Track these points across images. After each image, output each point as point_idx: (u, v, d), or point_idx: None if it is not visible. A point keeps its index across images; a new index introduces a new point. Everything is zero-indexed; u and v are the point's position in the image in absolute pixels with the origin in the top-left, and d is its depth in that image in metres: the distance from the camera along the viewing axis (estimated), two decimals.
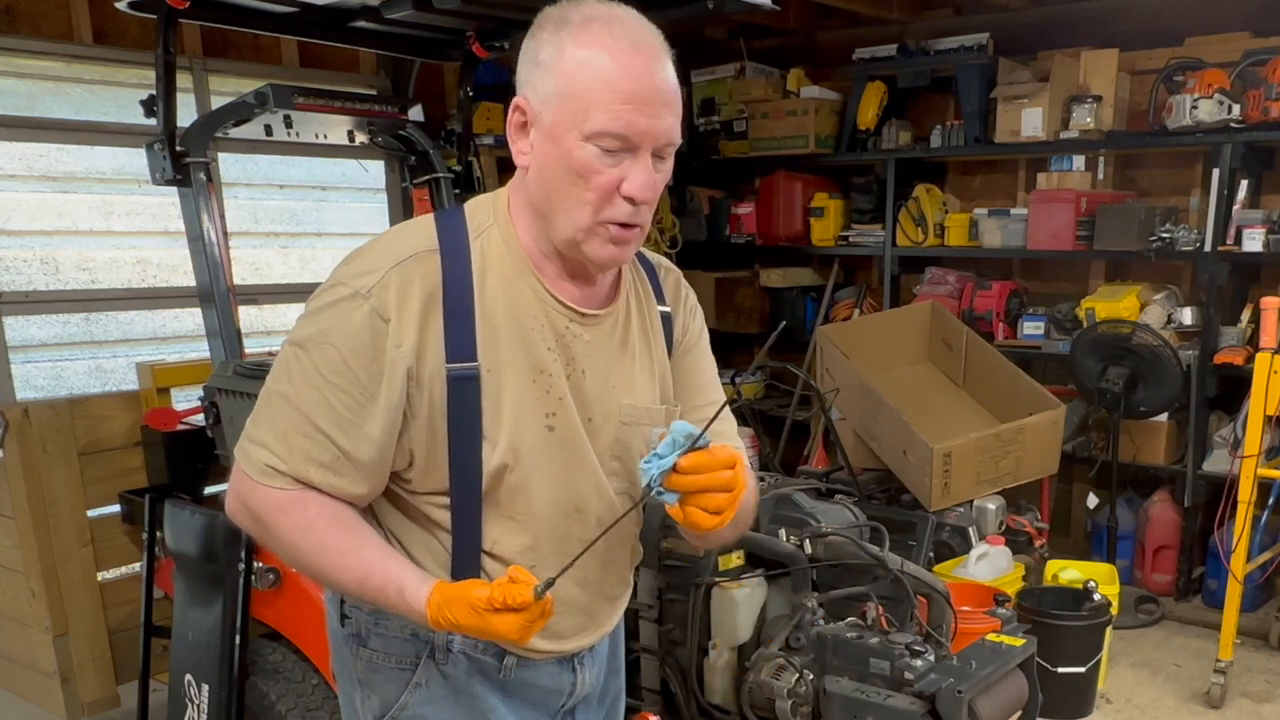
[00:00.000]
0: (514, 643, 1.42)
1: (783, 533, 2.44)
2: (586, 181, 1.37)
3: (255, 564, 2.70)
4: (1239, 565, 3.83)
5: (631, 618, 2.47)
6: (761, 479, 2.79)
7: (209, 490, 3.24)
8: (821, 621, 2.23)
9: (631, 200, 1.38)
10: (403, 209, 5.21)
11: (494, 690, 1.60)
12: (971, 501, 4.29)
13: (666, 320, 1.66)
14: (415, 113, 3.25)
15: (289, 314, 5.03)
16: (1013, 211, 5.18)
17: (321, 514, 1.42)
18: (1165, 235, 4.64)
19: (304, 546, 1.43)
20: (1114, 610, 3.82)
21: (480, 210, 1.51)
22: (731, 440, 1.65)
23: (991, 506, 4.31)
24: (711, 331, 1.81)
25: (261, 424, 1.43)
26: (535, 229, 1.47)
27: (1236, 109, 4.39)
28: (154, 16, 2.69)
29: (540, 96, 1.38)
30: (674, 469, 1.30)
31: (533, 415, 1.48)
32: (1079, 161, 4.95)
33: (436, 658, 1.56)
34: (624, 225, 1.41)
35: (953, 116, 5.41)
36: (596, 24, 1.35)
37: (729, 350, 6.39)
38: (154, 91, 2.76)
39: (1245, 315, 4.61)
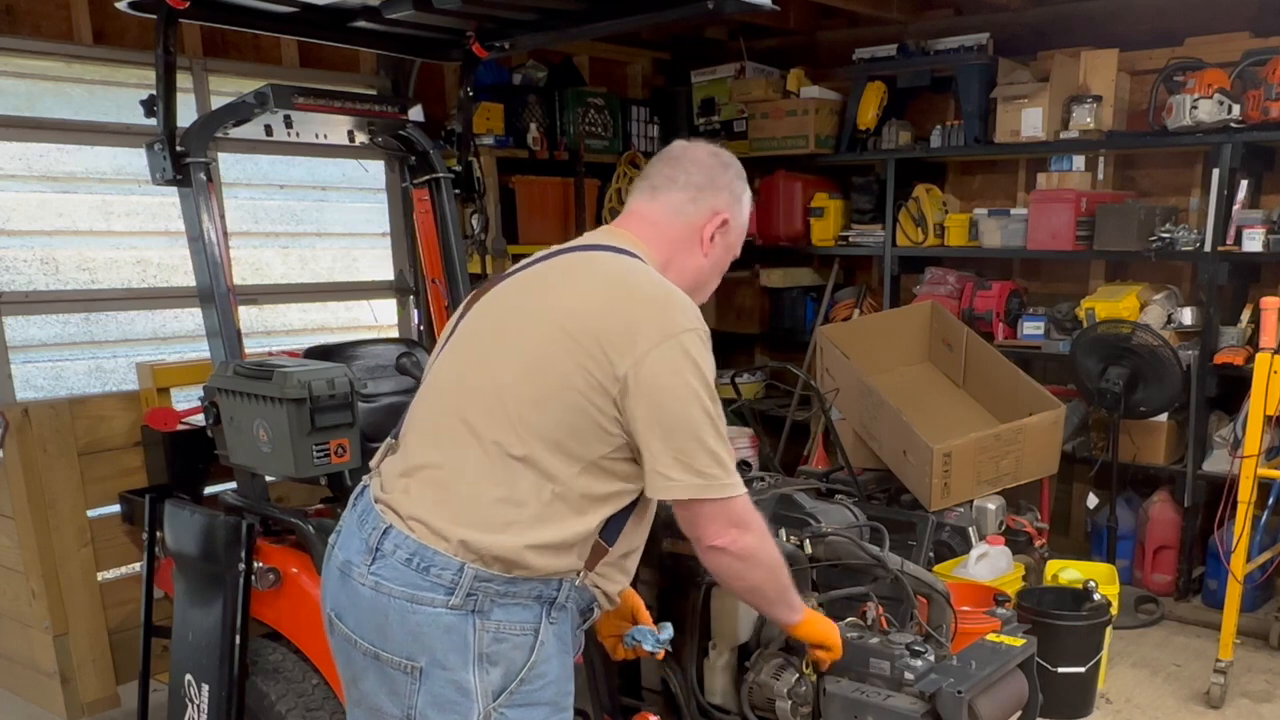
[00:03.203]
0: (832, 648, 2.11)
1: (783, 533, 2.44)
2: (722, 275, 2.07)
3: (255, 564, 2.70)
4: (1239, 565, 3.83)
5: None
6: (761, 479, 2.79)
7: (209, 490, 3.24)
8: None
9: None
10: (403, 209, 5.21)
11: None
12: (971, 501, 4.30)
13: None
14: (415, 113, 3.25)
15: (289, 314, 5.03)
16: (1013, 211, 5.18)
17: None
18: (1165, 235, 4.64)
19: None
20: (1114, 610, 3.82)
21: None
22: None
23: (991, 506, 4.32)
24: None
25: (722, 462, 1.77)
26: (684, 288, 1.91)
27: (1236, 109, 4.39)
28: (154, 16, 2.68)
29: (735, 222, 2.02)
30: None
31: None
32: (1079, 161, 4.95)
33: (551, 616, 1.80)
34: None
35: (953, 116, 5.42)
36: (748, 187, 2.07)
37: (729, 350, 6.39)
38: (154, 91, 2.76)
39: (1245, 315, 4.61)
